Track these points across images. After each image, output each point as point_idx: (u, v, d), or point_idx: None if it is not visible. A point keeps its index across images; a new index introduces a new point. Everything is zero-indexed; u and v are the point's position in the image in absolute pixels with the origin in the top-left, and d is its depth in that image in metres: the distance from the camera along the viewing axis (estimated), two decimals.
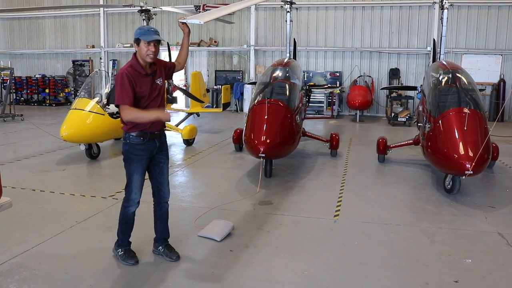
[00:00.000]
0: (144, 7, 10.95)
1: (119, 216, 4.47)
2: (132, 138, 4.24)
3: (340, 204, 6.47)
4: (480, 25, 16.83)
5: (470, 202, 6.64)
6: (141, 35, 4.15)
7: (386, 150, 9.25)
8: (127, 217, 4.43)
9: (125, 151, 4.30)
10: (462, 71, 8.29)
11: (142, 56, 4.18)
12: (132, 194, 4.34)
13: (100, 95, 9.54)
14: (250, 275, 4.28)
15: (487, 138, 6.61)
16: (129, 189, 4.35)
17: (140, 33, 4.18)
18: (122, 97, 4.09)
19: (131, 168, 4.29)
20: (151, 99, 4.25)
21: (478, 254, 4.79)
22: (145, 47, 4.13)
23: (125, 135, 4.31)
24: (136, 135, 4.23)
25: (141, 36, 4.14)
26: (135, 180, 4.31)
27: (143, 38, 4.13)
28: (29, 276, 4.16)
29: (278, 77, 8.94)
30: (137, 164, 4.29)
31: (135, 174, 4.29)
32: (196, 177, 8.36)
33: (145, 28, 4.24)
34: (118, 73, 4.18)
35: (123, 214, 4.44)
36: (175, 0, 19.52)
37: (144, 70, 4.22)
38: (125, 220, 4.45)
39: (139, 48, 4.17)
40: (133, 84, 4.11)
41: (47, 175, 8.09)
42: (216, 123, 15.29)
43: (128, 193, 4.36)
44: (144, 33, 4.15)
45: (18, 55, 22.85)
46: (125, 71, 4.14)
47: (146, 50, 4.13)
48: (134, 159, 4.27)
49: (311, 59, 18.78)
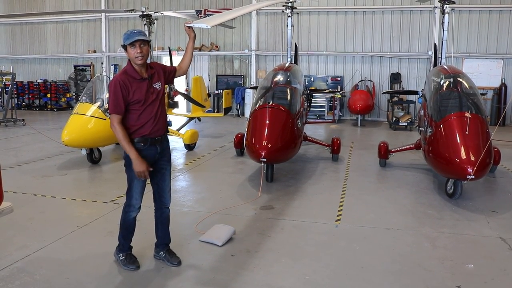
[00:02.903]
0: (145, 12, 10.98)
1: (120, 221, 4.46)
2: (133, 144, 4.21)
3: (342, 209, 6.45)
4: (481, 29, 16.87)
5: (472, 206, 6.62)
6: (124, 40, 4.11)
7: (388, 154, 9.24)
8: (128, 222, 4.42)
9: (126, 156, 4.24)
10: (463, 75, 8.28)
11: (132, 60, 4.14)
12: (133, 199, 4.32)
13: (101, 100, 9.55)
14: (252, 280, 4.26)
15: (488, 142, 6.60)
16: (130, 194, 4.34)
17: (124, 38, 4.13)
18: (113, 106, 4.08)
19: (131, 174, 4.24)
20: (147, 104, 4.17)
21: (480, 259, 4.77)
22: (132, 50, 4.08)
23: None
24: (137, 141, 4.19)
25: (125, 41, 4.10)
26: (136, 185, 4.29)
27: (126, 42, 4.09)
28: (30, 281, 4.14)
29: (279, 81, 8.94)
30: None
31: (135, 179, 4.26)
32: (197, 181, 8.35)
33: (127, 32, 4.17)
34: (112, 81, 4.15)
35: (124, 219, 4.43)
36: (177, 5, 19.60)
37: (139, 75, 4.16)
38: (126, 225, 4.43)
39: (128, 53, 4.14)
40: (125, 92, 4.07)
41: (48, 180, 8.09)
42: (217, 128, 15.30)
43: (129, 198, 4.34)
44: (127, 37, 4.10)
45: (20, 60, 22.94)
46: (118, 78, 4.11)
47: (134, 53, 4.08)
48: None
49: (312, 64, 18.82)
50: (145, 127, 4.18)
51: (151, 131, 4.21)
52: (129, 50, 4.10)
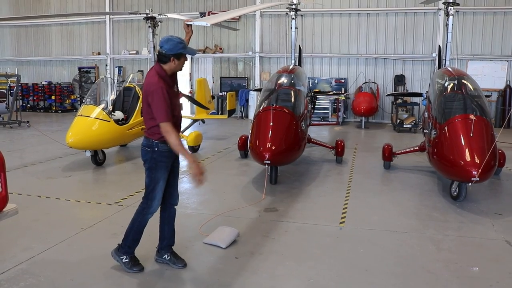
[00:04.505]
0: (149, 14, 11.01)
1: (134, 224, 4.40)
2: (160, 146, 4.23)
3: (346, 211, 6.44)
4: (486, 31, 16.81)
5: (476, 209, 6.60)
6: (180, 49, 4.13)
7: (392, 156, 9.22)
8: (143, 225, 4.41)
9: (152, 158, 4.26)
10: (467, 77, 8.26)
11: (176, 69, 4.22)
12: (156, 201, 4.34)
13: (105, 102, 9.59)
14: (256, 282, 4.26)
15: (493, 144, 6.57)
16: (152, 196, 4.32)
17: (179, 47, 4.12)
18: (166, 114, 4.05)
19: (157, 175, 4.27)
20: (174, 106, 4.26)
21: (485, 262, 4.75)
22: (181, 61, 4.17)
23: (150, 142, 4.26)
24: (163, 142, 4.20)
25: (182, 50, 4.14)
26: (160, 187, 4.31)
27: (190, 53, 4.19)
28: (34, 283, 4.16)
29: (284, 83, 8.95)
30: (164, 171, 4.30)
31: (161, 181, 4.29)
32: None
33: (183, 42, 4.19)
34: (156, 87, 4.07)
35: (139, 222, 4.39)
36: (181, 7, 19.65)
37: (171, 82, 4.27)
38: (141, 228, 4.42)
39: (179, 61, 4.17)
40: (168, 98, 4.09)
41: (53, 181, 8.12)
42: (221, 130, 15.31)
43: (151, 201, 4.33)
44: (184, 48, 4.14)
45: (24, 62, 23.03)
46: (162, 85, 4.10)
47: (181, 65, 4.20)
48: (162, 166, 4.28)
49: (316, 66, 18.81)
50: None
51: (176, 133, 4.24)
52: (182, 60, 4.19)
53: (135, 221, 4.42)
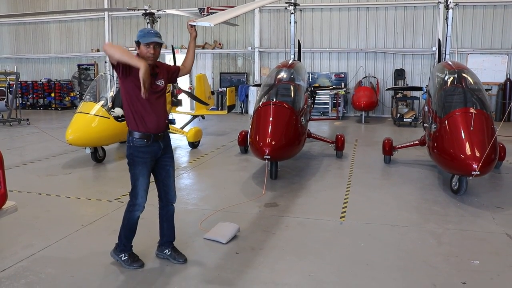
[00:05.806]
0: (148, 10, 10.98)
1: (124, 221, 4.42)
2: (136, 141, 4.20)
3: (346, 206, 6.44)
4: (486, 24, 16.77)
5: (477, 202, 6.59)
6: (140, 37, 4.16)
7: (392, 151, 9.21)
8: (132, 222, 4.38)
9: (129, 154, 4.25)
10: (467, 71, 8.24)
11: (142, 57, 4.16)
12: (139, 198, 4.29)
13: (105, 99, 9.57)
14: (257, 277, 4.26)
15: (494, 138, 6.56)
16: (134, 193, 4.30)
17: (140, 35, 4.18)
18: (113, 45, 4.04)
19: (136, 172, 4.24)
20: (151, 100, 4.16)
21: (486, 255, 4.75)
22: (145, 49, 4.13)
23: (128, 138, 4.26)
24: (140, 137, 4.18)
25: (140, 39, 4.15)
26: (141, 183, 4.27)
27: (142, 41, 4.13)
28: (35, 280, 4.16)
29: (283, 78, 8.92)
30: (142, 167, 4.24)
31: (140, 177, 4.24)
32: (202, 179, 8.35)
33: (145, 31, 4.22)
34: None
35: (128, 219, 4.38)
36: (180, 3, 19.59)
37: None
38: (130, 225, 4.39)
39: (140, 50, 4.18)
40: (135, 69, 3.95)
41: (53, 179, 8.12)
42: (221, 126, 15.30)
43: (134, 197, 4.31)
44: (144, 35, 4.14)
45: (23, 59, 23.01)
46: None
47: (146, 52, 4.13)
48: (139, 162, 4.23)
49: (316, 61, 18.78)
50: (149, 124, 4.19)
51: (154, 127, 4.22)
52: (142, 47, 4.15)
53: (124, 219, 4.42)
